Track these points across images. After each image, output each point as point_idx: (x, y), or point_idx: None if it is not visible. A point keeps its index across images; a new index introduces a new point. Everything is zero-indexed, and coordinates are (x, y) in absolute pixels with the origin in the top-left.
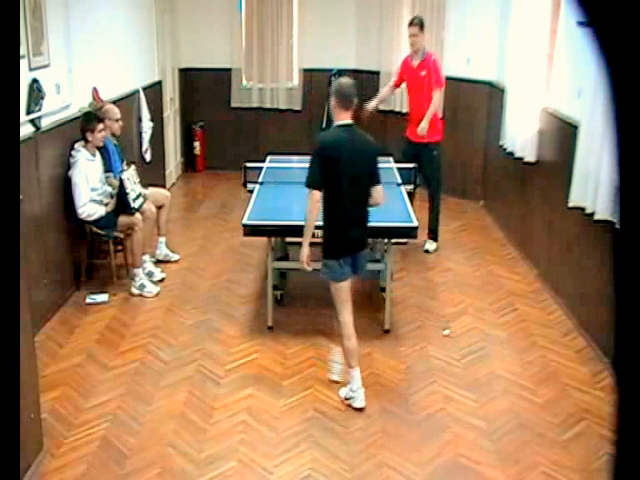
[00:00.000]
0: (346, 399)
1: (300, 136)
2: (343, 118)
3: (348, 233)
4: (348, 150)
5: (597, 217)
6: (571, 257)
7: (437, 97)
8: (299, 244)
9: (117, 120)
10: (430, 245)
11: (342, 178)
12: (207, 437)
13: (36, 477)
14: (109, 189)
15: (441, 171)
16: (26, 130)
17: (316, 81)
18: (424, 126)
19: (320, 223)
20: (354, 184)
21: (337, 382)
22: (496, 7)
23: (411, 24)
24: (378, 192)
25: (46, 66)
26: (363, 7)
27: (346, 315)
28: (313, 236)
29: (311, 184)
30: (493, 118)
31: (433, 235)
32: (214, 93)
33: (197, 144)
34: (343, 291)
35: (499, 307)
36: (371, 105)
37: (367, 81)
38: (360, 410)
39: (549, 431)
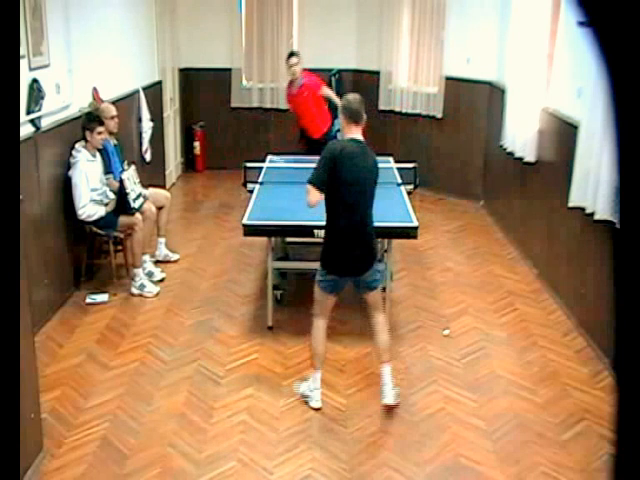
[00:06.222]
0: (303, 396)
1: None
2: (354, 132)
3: (349, 251)
4: (357, 163)
5: (597, 217)
6: (571, 257)
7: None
8: (299, 244)
9: (112, 117)
10: None
11: (348, 189)
12: (207, 437)
13: (36, 477)
14: (110, 194)
15: None
16: (26, 130)
17: None
18: None
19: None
20: (357, 199)
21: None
22: (496, 7)
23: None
24: None
25: (46, 66)
26: (363, 7)
27: (320, 322)
28: (314, 236)
29: (314, 181)
30: (493, 118)
31: None
32: (214, 93)
33: (197, 144)
34: (325, 304)
35: (499, 307)
36: None
37: (367, 81)
38: (317, 410)
39: (549, 431)
